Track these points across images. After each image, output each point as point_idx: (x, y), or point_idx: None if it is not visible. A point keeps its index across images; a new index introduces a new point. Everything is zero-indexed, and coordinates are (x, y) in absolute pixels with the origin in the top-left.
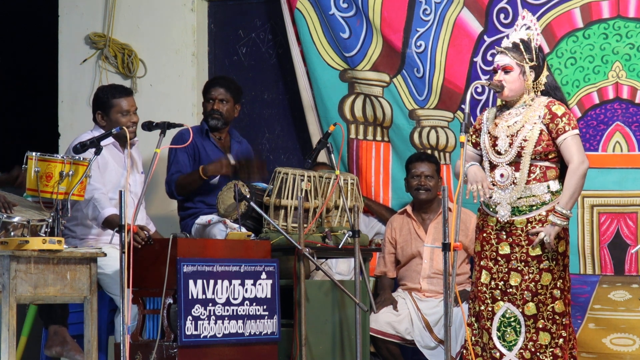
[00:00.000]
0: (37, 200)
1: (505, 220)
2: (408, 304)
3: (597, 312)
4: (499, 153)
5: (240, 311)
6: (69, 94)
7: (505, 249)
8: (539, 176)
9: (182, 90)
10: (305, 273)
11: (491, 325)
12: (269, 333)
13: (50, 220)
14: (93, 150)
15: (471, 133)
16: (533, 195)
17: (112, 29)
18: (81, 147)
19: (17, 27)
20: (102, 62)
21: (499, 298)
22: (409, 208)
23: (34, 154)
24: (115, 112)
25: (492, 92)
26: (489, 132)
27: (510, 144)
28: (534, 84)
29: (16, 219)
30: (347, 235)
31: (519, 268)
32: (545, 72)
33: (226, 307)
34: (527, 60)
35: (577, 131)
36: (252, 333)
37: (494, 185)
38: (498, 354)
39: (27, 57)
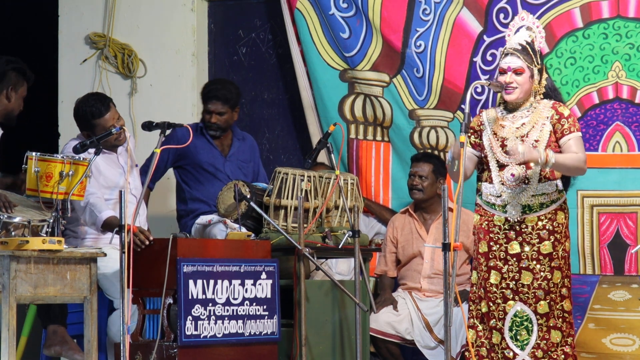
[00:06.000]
0: (37, 200)
1: (515, 220)
2: (408, 303)
3: (597, 312)
4: (508, 153)
5: (240, 311)
6: (69, 94)
7: (515, 248)
8: (548, 174)
9: (182, 90)
10: (305, 273)
11: (503, 325)
12: (269, 333)
13: (51, 221)
14: (93, 150)
15: (469, 134)
16: (544, 194)
17: (112, 29)
18: (81, 147)
19: (17, 27)
20: (102, 62)
21: (510, 297)
22: (411, 207)
23: (34, 154)
24: (100, 130)
25: (491, 92)
26: (495, 134)
27: None
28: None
29: (17, 219)
30: (347, 235)
31: (530, 267)
32: (544, 75)
33: (226, 307)
34: (536, 63)
35: (580, 134)
36: (252, 333)
37: (502, 184)
38: (511, 354)
39: (27, 57)
